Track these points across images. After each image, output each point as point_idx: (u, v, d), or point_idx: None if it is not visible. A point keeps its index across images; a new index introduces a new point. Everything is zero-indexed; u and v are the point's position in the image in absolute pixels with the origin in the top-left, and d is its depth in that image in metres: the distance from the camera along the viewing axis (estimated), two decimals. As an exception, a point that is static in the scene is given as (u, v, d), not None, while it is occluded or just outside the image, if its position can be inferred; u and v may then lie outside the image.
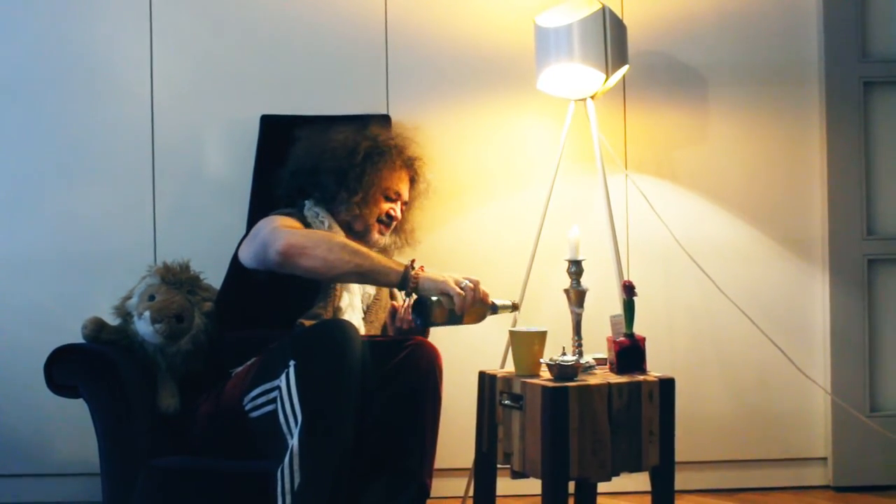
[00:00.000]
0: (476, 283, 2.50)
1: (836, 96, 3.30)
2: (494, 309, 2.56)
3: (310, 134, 2.88)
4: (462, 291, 2.46)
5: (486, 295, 2.52)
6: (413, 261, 2.52)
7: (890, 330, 3.34)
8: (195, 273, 2.74)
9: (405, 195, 2.87)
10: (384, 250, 2.88)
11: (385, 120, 3.14)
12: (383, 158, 2.80)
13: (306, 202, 2.81)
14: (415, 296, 2.49)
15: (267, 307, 2.63)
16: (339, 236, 2.57)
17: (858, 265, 3.30)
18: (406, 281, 2.48)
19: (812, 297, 3.33)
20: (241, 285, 2.67)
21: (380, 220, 2.81)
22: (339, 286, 2.69)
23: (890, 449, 3.26)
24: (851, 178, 3.31)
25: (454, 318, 2.50)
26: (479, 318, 2.55)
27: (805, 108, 3.34)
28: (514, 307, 2.61)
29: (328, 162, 2.78)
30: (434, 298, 2.48)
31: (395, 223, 2.86)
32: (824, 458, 3.32)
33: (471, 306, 2.48)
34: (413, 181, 2.91)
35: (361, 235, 2.79)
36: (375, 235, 2.82)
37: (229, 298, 2.71)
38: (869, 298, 3.32)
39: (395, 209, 2.84)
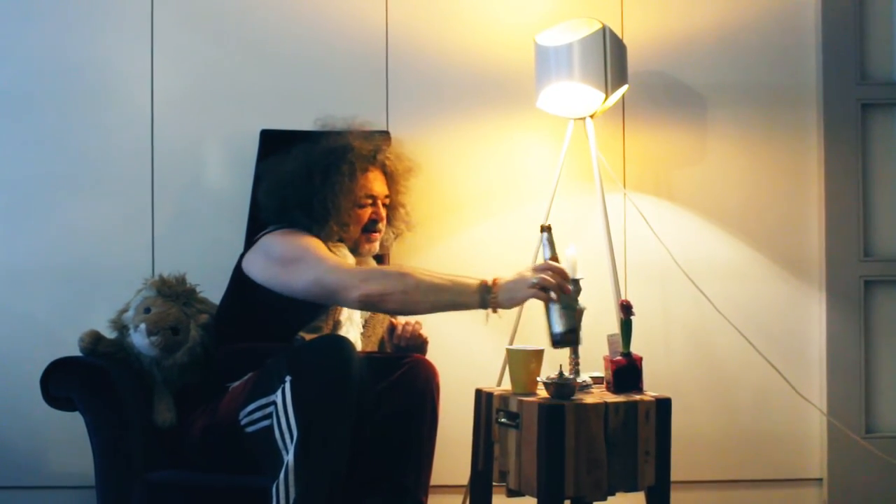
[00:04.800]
0: (549, 268, 2.43)
1: (833, 118, 3.31)
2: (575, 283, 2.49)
3: (271, 166, 2.83)
4: (539, 284, 2.40)
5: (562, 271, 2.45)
6: (483, 281, 2.45)
7: (886, 352, 3.34)
8: (191, 286, 2.75)
9: (382, 191, 2.81)
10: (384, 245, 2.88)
11: (384, 135, 3.15)
12: (340, 172, 2.73)
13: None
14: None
15: (270, 321, 2.62)
16: (411, 272, 2.50)
17: (855, 287, 3.31)
18: (486, 303, 2.44)
19: (809, 319, 3.33)
20: (244, 299, 2.67)
21: (365, 230, 2.78)
22: None
23: (885, 471, 3.25)
24: (849, 200, 3.31)
25: (569, 310, 2.43)
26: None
27: (803, 130, 3.34)
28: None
29: (291, 197, 2.72)
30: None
31: (381, 223, 2.81)
32: (819, 480, 3.32)
33: (566, 286, 2.42)
34: (385, 171, 2.85)
35: (354, 250, 2.78)
36: (365, 247, 2.79)
37: (232, 312, 2.70)
38: (865, 320, 3.32)
39: (378, 210, 2.79)
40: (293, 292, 2.57)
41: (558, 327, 2.43)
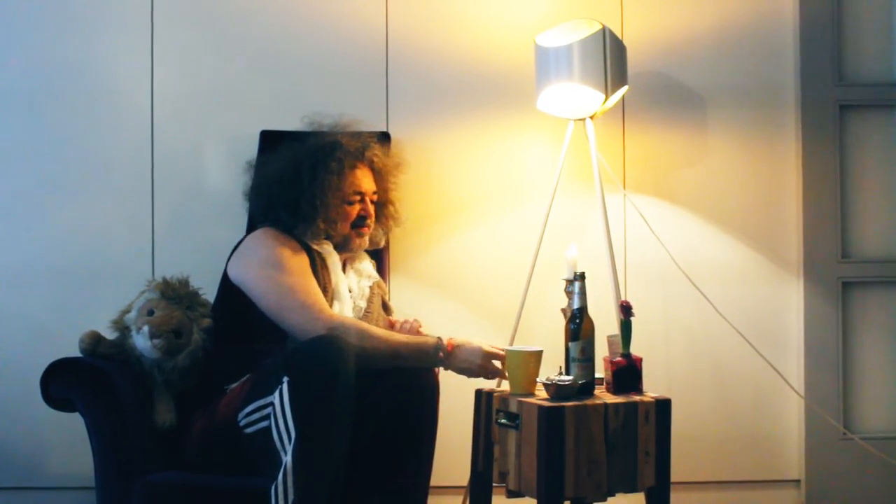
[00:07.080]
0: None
1: (811, 120, 3.30)
2: None
3: (261, 165, 2.87)
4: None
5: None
6: (439, 338, 2.59)
7: (865, 353, 3.34)
8: (194, 289, 2.74)
9: (370, 187, 2.82)
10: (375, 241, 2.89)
11: (384, 137, 3.15)
12: (328, 170, 2.74)
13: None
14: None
15: (261, 320, 2.62)
16: (369, 329, 2.58)
17: (833, 288, 3.29)
18: (438, 361, 2.58)
19: (789, 320, 3.31)
20: (233, 300, 2.67)
21: (354, 226, 2.78)
22: (329, 296, 2.68)
23: (863, 471, 3.25)
24: (827, 202, 3.30)
25: (589, 363, 2.56)
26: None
27: (782, 131, 3.33)
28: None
29: (278, 195, 2.74)
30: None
31: (370, 219, 2.81)
32: (797, 481, 3.31)
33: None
34: (373, 168, 2.86)
35: (343, 246, 2.78)
36: (356, 242, 2.80)
37: (224, 312, 2.71)
38: (844, 322, 3.31)
39: (366, 207, 2.80)
40: (254, 296, 2.62)
41: (576, 377, 2.50)
